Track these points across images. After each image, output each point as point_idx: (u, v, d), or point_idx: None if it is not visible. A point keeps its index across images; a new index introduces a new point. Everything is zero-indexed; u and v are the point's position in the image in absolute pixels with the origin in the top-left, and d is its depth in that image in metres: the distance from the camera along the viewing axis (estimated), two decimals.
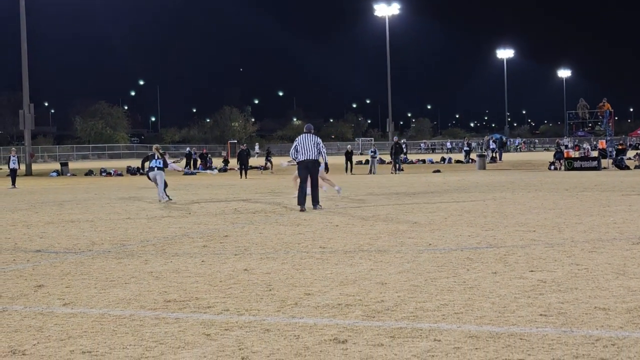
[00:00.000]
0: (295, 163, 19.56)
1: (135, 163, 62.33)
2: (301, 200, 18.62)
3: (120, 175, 49.94)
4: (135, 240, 13.52)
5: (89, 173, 51.86)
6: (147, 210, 19.77)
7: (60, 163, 60.99)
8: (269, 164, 51.10)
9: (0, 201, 25.32)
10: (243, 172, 41.59)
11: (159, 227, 15.60)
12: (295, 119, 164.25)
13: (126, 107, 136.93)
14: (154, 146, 25.18)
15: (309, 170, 18.95)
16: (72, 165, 63.83)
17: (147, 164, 23.72)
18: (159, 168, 23.34)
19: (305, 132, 19.32)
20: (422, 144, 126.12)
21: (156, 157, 23.64)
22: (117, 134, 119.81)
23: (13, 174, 35.94)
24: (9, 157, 37.62)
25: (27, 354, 6.10)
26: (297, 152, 19.03)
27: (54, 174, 52.72)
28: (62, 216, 18.68)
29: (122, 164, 70.44)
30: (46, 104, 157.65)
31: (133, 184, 35.93)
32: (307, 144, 18.96)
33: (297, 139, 19.46)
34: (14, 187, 34.76)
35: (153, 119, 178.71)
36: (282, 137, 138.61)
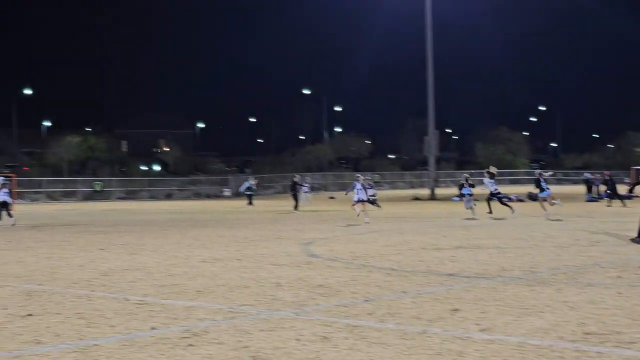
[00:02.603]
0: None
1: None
2: None
3: (521, 200, 49.72)
4: (545, 267, 13.33)
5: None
6: (553, 237, 19.43)
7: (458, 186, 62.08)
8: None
9: (393, 224, 26.39)
10: None
11: (567, 255, 15.26)
12: None
13: (527, 133, 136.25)
14: (465, 175, 32.52)
15: None
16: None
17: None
18: (469, 195, 29.93)
19: None
20: None
21: (466, 186, 30.20)
22: (517, 160, 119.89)
23: (249, 197, 45.10)
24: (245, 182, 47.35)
25: None
26: None
27: (456, 198, 53.84)
28: (469, 240, 19.00)
29: (522, 189, 70.16)
30: (449, 131, 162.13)
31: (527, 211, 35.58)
32: None
33: None
34: (250, 205, 44.13)
35: (554, 144, 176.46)
36: None
